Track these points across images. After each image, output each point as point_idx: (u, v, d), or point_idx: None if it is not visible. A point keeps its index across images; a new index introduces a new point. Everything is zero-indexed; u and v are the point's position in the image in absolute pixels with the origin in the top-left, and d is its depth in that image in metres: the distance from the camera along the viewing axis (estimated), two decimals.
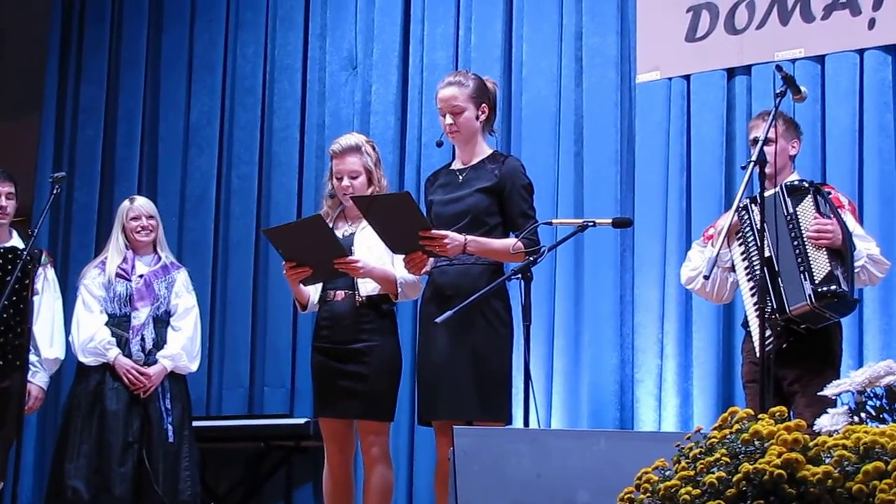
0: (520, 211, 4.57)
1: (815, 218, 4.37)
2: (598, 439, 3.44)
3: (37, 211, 6.71)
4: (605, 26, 5.87)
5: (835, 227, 4.35)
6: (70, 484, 5.37)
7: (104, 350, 5.43)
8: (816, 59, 5.40)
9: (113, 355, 5.42)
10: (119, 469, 5.36)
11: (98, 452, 5.39)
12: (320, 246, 4.57)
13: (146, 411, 5.44)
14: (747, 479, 2.44)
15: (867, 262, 4.42)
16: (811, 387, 4.20)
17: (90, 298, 5.54)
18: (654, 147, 5.70)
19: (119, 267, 5.54)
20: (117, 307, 5.51)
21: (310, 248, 4.58)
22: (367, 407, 4.71)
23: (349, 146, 4.84)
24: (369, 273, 4.67)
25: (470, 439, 3.43)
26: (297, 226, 4.92)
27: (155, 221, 5.66)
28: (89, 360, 5.46)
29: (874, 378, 2.90)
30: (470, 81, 4.64)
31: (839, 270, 4.33)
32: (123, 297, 5.50)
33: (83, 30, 7.27)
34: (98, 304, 5.52)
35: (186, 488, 5.45)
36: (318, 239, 4.56)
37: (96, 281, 5.56)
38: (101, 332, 5.46)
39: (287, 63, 6.75)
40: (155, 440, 5.41)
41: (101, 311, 5.51)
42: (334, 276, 4.71)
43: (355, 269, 4.62)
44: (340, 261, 4.58)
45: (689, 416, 5.40)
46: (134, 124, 7.04)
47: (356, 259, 4.63)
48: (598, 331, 5.67)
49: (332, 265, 4.58)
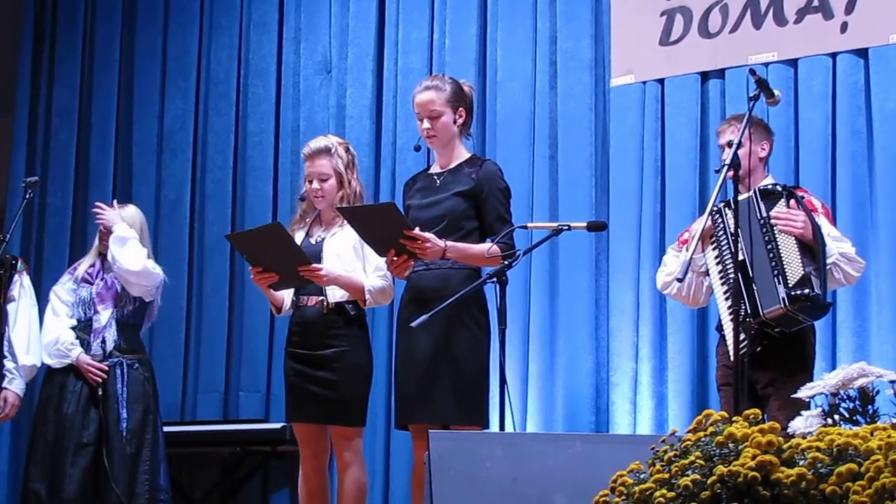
0: (497, 215, 4.57)
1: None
2: (574, 442, 3.45)
3: (9, 216, 6.68)
4: (580, 30, 5.88)
5: (804, 218, 4.37)
6: (33, 487, 5.39)
7: (67, 351, 5.45)
8: (789, 63, 5.43)
9: (75, 354, 5.45)
10: (69, 470, 5.37)
11: (53, 454, 5.40)
12: (282, 253, 4.57)
13: (104, 413, 5.44)
14: (722, 482, 2.45)
15: (839, 259, 4.44)
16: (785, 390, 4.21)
17: (58, 303, 5.58)
18: (628, 150, 5.71)
19: (86, 272, 5.56)
20: (81, 312, 5.53)
21: (272, 254, 4.59)
22: (338, 413, 4.71)
23: (318, 149, 4.84)
24: (334, 281, 4.67)
25: (445, 443, 3.43)
26: (257, 232, 4.89)
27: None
28: (53, 361, 5.50)
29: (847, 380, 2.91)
30: (447, 86, 4.65)
31: (813, 274, 4.35)
32: (87, 301, 5.52)
33: (56, 34, 7.23)
34: (66, 308, 5.55)
35: (144, 492, 5.45)
36: (279, 246, 4.57)
37: (66, 287, 5.60)
38: (64, 334, 5.49)
39: (261, 67, 6.73)
40: (113, 442, 5.41)
41: (67, 315, 5.54)
42: (302, 283, 4.71)
43: (318, 278, 4.63)
44: (304, 268, 4.59)
45: (664, 419, 5.41)
46: (108, 128, 7.01)
47: (319, 267, 4.63)
48: (573, 334, 5.68)
49: (297, 272, 4.59)
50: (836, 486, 2.38)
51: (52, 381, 5.52)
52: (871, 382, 2.90)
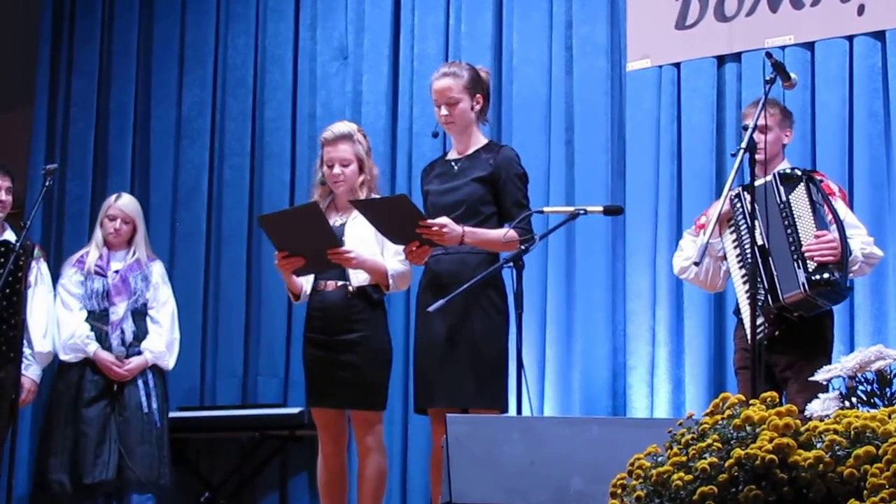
0: (514, 200, 4.59)
1: (816, 234, 4.35)
2: (591, 426, 3.46)
3: (29, 203, 6.71)
4: (595, 15, 5.87)
5: (833, 239, 4.35)
6: (54, 478, 5.45)
7: (83, 345, 5.51)
8: (806, 46, 5.41)
9: (92, 350, 5.50)
10: (96, 459, 5.42)
11: (77, 444, 5.44)
12: (314, 235, 4.56)
13: (124, 400, 5.48)
14: (739, 465, 2.46)
15: (861, 260, 4.43)
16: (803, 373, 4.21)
17: (68, 297, 5.62)
18: (644, 135, 5.71)
19: (95, 263, 5.59)
20: (95, 303, 5.58)
21: (303, 237, 4.56)
22: (360, 396, 4.72)
23: (341, 134, 4.85)
24: (361, 264, 4.68)
25: (463, 427, 3.44)
26: (293, 213, 4.90)
27: (131, 225, 5.70)
28: (69, 356, 5.55)
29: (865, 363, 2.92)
30: (464, 72, 4.66)
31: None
32: (101, 292, 5.57)
33: (74, 23, 7.25)
34: (76, 302, 5.60)
35: (165, 473, 5.51)
36: (313, 227, 4.55)
37: (73, 279, 5.64)
38: (80, 329, 5.53)
39: (278, 54, 6.74)
40: (133, 424, 5.45)
41: (79, 308, 5.58)
42: (326, 268, 4.71)
43: (348, 260, 4.63)
44: (333, 251, 4.58)
45: (681, 403, 5.42)
46: (125, 116, 7.03)
47: (349, 249, 4.63)
48: (589, 318, 5.68)
49: (325, 255, 4.58)
50: (853, 469, 2.39)
51: (68, 372, 5.56)
52: (888, 365, 2.91)
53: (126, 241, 5.71)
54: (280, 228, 4.64)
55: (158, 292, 5.69)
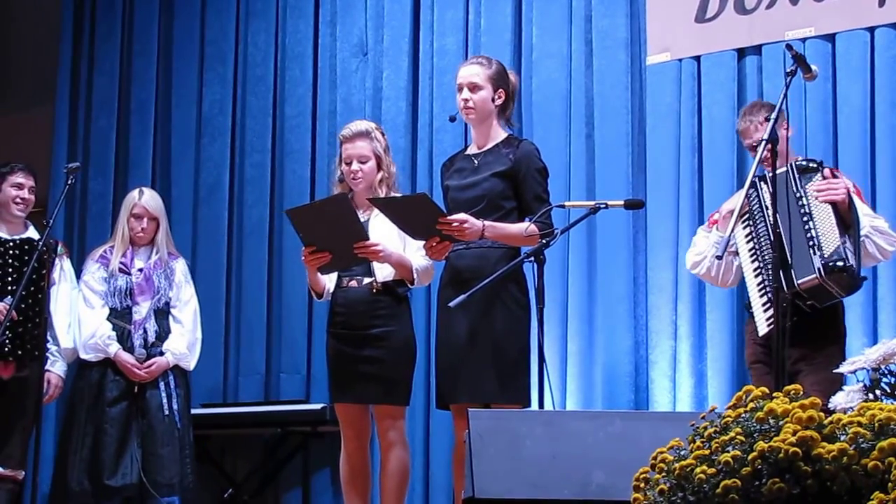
0: (534, 195, 4.59)
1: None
2: (613, 420, 3.46)
3: (52, 201, 6.75)
4: (615, 8, 5.86)
5: (844, 184, 4.38)
6: (75, 477, 5.44)
7: (105, 346, 5.50)
8: (827, 38, 5.39)
9: (113, 350, 5.49)
10: (118, 460, 5.42)
11: (98, 444, 5.45)
12: (342, 227, 4.56)
13: (146, 400, 5.49)
14: (762, 458, 2.46)
15: (871, 233, 4.44)
16: (817, 365, 4.22)
17: (90, 294, 5.61)
18: (665, 128, 5.70)
19: (120, 262, 5.59)
20: (118, 301, 5.57)
21: (331, 230, 4.56)
22: (385, 391, 4.73)
23: (359, 131, 4.88)
24: (388, 258, 4.69)
25: (485, 422, 3.45)
26: (321, 205, 4.89)
27: (156, 223, 5.69)
28: (90, 356, 5.53)
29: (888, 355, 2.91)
30: (493, 65, 4.71)
31: (849, 248, 4.34)
32: (124, 290, 5.57)
33: (95, 21, 7.28)
34: (99, 299, 5.59)
35: (188, 473, 5.51)
36: (341, 219, 4.55)
37: (96, 276, 5.62)
38: (101, 328, 5.52)
39: (298, 51, 6.76)
40: (155, 427, 5.47)
41: (102, 306, 5.58)
42: (352, 264, 4.72)
43: (375, 253, 4.63)
44: (360, 245, 4.59)
45: (704, 397, 5.41)
46: (147, 114, 7.06)
47: (376, 243, 4.64)
48: (611, 312, 5.68)
49: (352, 251, 4.59)
50: (877, 461, 2.38)
51: (89, 371, 5.55)
52: None
53: (150, 239, 5.71)
54: (307, 221, 4.63)
55: (181, 291, 5.69)
